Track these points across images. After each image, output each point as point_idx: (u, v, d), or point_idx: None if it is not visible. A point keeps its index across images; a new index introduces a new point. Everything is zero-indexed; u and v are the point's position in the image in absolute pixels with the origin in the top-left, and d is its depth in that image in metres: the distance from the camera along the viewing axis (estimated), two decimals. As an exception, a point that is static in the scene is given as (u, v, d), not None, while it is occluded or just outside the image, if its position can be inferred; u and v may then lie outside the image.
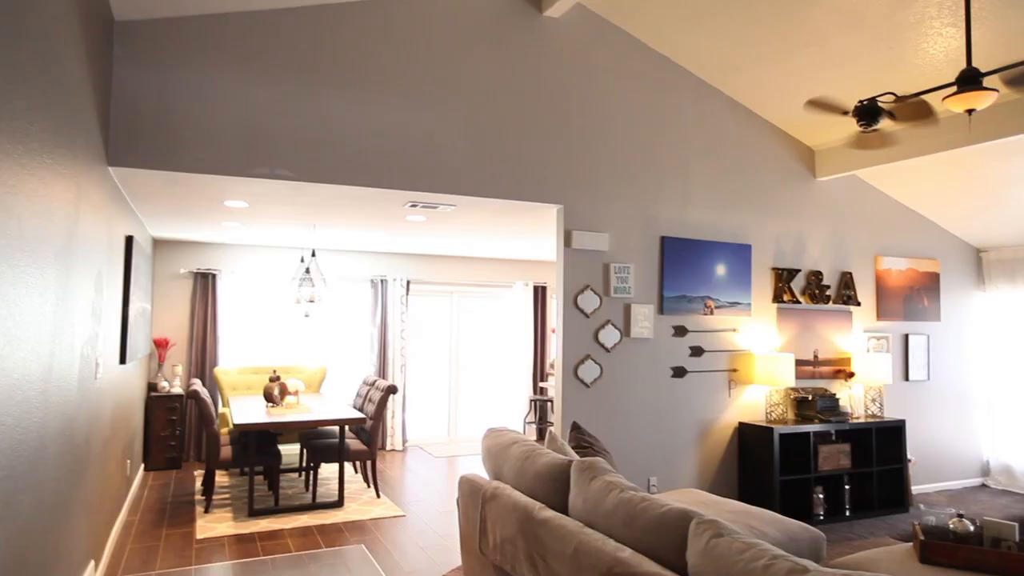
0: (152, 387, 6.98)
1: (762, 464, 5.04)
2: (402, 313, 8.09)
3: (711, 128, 5.31)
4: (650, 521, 2.26)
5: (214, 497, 5.66)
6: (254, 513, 5.15)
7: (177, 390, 6.95)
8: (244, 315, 7.69)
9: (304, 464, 6.46)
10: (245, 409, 5.70)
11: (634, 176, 5.00)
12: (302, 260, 7.47)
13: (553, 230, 6.09)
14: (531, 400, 8.79)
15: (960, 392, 6.42)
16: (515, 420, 8.83)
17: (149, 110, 3.75)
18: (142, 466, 6.63)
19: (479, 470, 6.76)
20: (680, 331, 5.10)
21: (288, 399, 5.93)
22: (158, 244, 7.33)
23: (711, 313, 5.20)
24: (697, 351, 5.16)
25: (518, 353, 8.91)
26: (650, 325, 4.96)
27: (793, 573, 1.67)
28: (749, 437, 5.19)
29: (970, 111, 2.89)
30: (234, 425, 5.01)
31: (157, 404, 6.73)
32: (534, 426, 8.80)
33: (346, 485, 6.18)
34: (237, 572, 3.98)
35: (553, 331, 8.93)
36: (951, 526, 3.14)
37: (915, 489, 6.02)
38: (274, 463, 5.37)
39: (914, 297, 6.17)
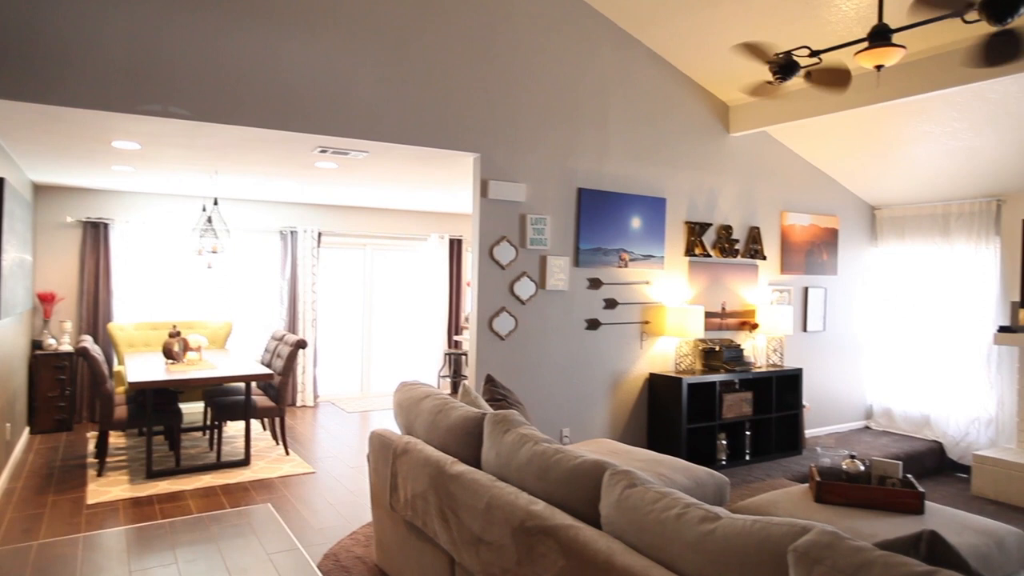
0: (37, 345, 6.45)
1: (671, 413, 5.20)
2: (313, 266, 7.78)
3: (630, 80, 5.26)
4: (564, 473, 2.24)
5: (108, 460, 5.32)
6: (152, 475, 4.88)
7: (66, 347, 6.44)
8: (141, 268, 7.18)
9: (208, 423, 6.18)
10: (142, 367, 5.35)
11: (552, 126, 4.91)
12: (204, 209, 7.02)
13: (470, 181, 5.95)
14: (446, 354, 8.73)
15: (851, 342, 6.81)
16: (430, 374, 8.77)
17: (16, 32, 3.31)
18: (27, 429, 6.15)
19: (392, 425, 6.67)
20: (595, 283, 5.11)
21: (190, 355, 5.61)
22: (40, 190, 6.68)
23: (626, 266, 5.25)
24: (611, 303, 5.20)
25: (433, 307, 8.79)
26: (566, 277, 4.95)
27: (705, 521, 1.68)
28: (659, 387, 5.32)
29: (879, 67, 2.94)
30: (129, 384, 4.69)
31: (43, 363, 6.22)
32: (449, 379, 8.76)
33: (254, 443, 5.97)
34: (131, 538, 3.76)
35: (468, 285, 8.85)
36: (844, 467, 3.32)
37: (808, 433, 6.39)
38: (174, 422, 5.09)
39: (815, 252, 6.45)
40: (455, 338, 8.82)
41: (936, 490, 5.37)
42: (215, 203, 6.34)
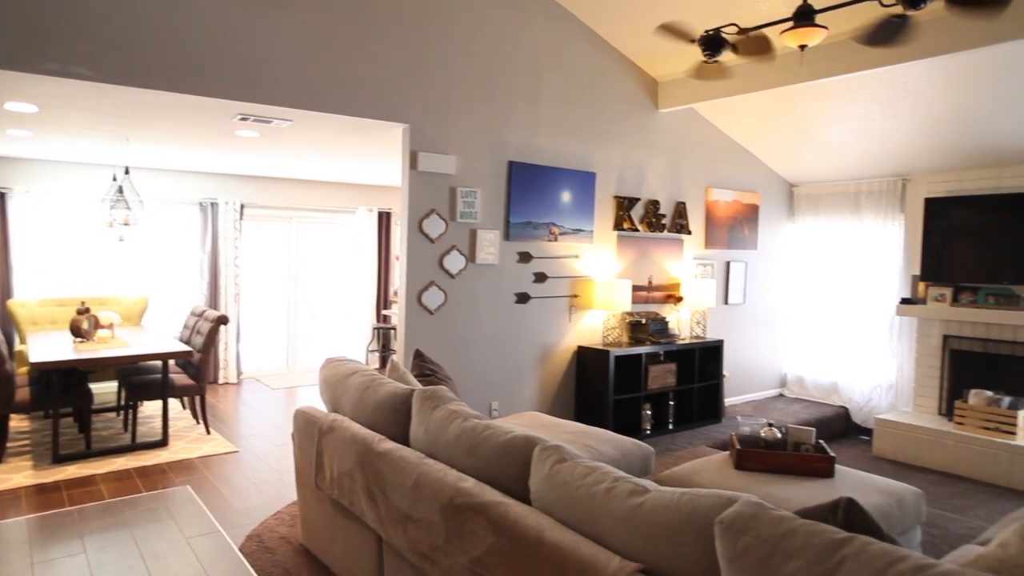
0: (-79, 321, 5.94)
1: (598, 385, 5.28)
2: (235, 239, 7.46)
3: (563, 54, 5.22)
4: (493, 449, 2.23)
5: (9, 445, 4.99)
6: (60, 459, 4.61)
7: (-45, 324, 5.96)
8: (46, 241, 6.69)
9: (122, 403, 5.87)
10: (47, 345, 5.01)
11: (484, 98, 4.82)
12: (114, 179, 6.59)
13: (399, 153, 5.80)
14: (374, 328, 8.59)
15: (768, 314, 7.10)
16: (358, 349, 8.61)
17: None
18: (-87, 413, 5.68)
19: (319, 402, 6.53)
20: (525, 257, 5.11)
21: (101, 333, 5.29)
22: (-82, 151, 6.11)
23: (556, 240, 5.26)
24: (541, 277, 5.21)
25: (361, 281, 8.60)
26: (496, 251, 4.92)
27: (634, 495, 1.70)
28: (587, 360, 5.40)
29: (803, 47, 3.01)
30: (31, 364, 4.39)
31: (-71, 341, 5.74)
32: (378, 354, 8.64)
33: (172, 423, 5.72)
34: (34, 527, 3.54)
35: (397, 258, 8.69)
36: (762, 435, 3.46)
37: (727, 402, 6.64)
38: (84, 403, 4.80)
39: (737, 227, 6.64)
40: (384, 312, 8.69)
41: (842, 452, 5.69)
42: (126, 172, 5.96)
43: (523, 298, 5.12)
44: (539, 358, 5.26)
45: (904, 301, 5.82)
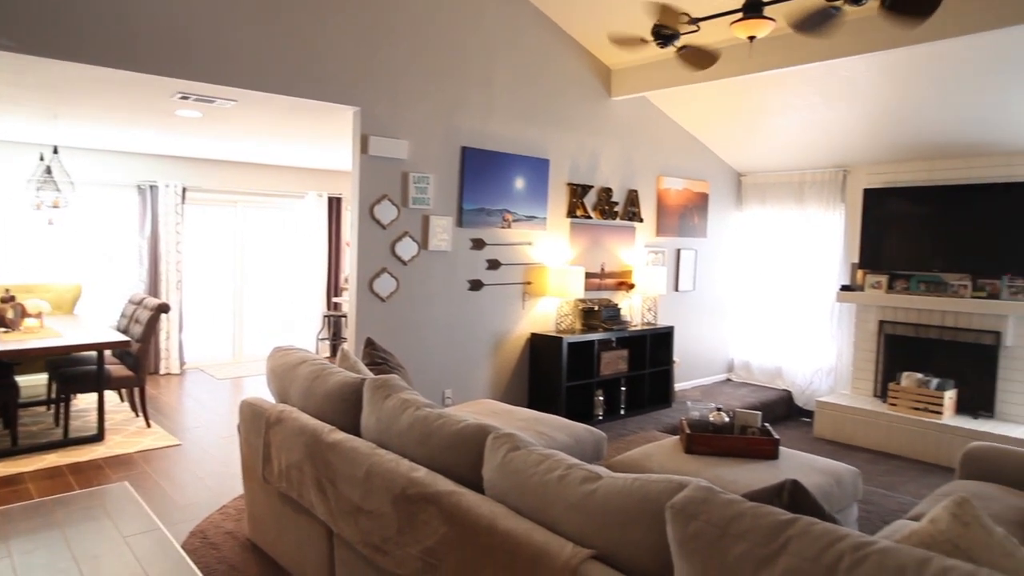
0: None
1: (551, 372, 5.31)
2: (177, 224, 7.19)
3: (516, 39, 5.18)
4: (446, 438, 2.21)
5: (-69, 440, 4.72)
6: (-13, 455, 4.38)
7: None
8: (-37, 222, 6.33)
9: (53, 396, 5.61)
10: (-32, 335, 4.74)
11: (437, 82, 4.75)
12: (41, 159, 6.27)
13: (349, 136, 5.67)
14: (325, 316, 8.44)
15: (716, 300, 7.25)
16: (308, 337, 8.45)
17: None
18: None
19: (267, 392, 6.38)
20: (478, 244, 5.08)
21: (28, 322, 5.04)
22: None
23: (509, 226, 5.24)
24: (494, 264, 5.19)
25: (311, 267, 8.43)
26: (448, 238, 4.87)
27: (587, 481, 1.70)
28: (540, 347, 5.42)
29: (752, 38, 3.05)
30: (-48, 354, 4.15)
31: None
32: (328, 342, 8.50)
33: (109, 416, 5.51)
34: (-37, 526, 3.36)
35: (348, 244, 8.55)
36: (711, 419, 3.53)
37: (677, 387, 6.77)
38: (9, 397, 4.57)
39: (687, 215, 6.74)
40: (334, 300, 8.54)
41: (786, 434, 5.87)
42: (55, 151, 5.67)
43: (476, 285, 5.10)
44: (492, 345, 5.25)
45: (844, 288, 6.02)
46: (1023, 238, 5.08)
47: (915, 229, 5.65)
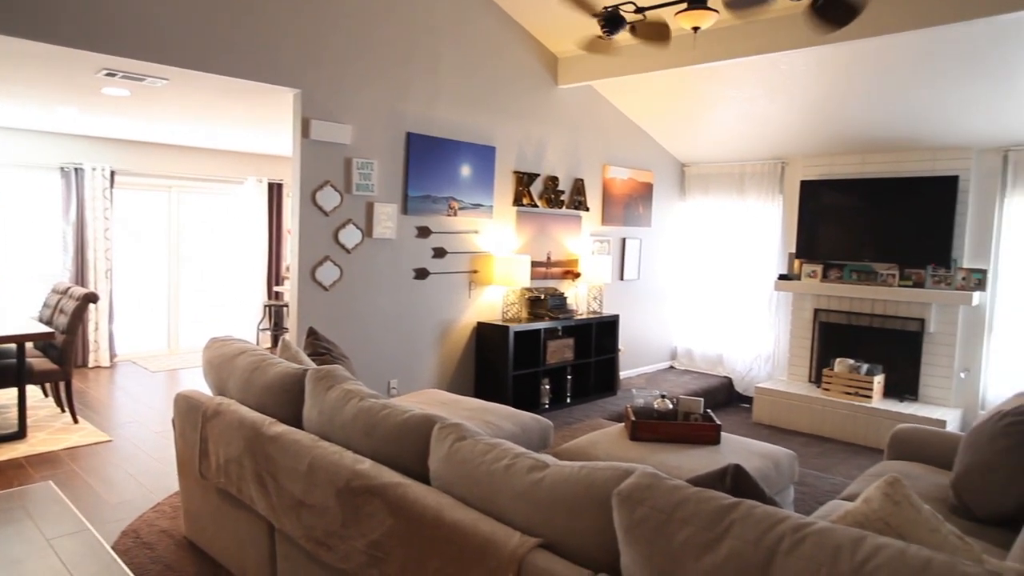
0: None
1: (497, 361, 5.30)
2: (106, 209, 6.86)
3: (462, 24, 5.11)
4: (391, 429, 2.17)
5: None
6: None
7: None
8: None
9: (-28, 390, 5.31)
10: None
11: (381, 66, 4.65)
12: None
13: (290, 119, 5.51)
14: (266, 305, 8.22)
15: (660, 289, 7.37)
16: (248, 328, 8.22)
17: None
18: None
19: (205, 384, 6.18)
20: (424, 232, 5.01)
21: (-59, 312, 4.73)
22: None
23: (455, 214, 5.19)
24: (440, 252, 5.14)
25: (251, 256, 8.18)
26: (393, 225, 4.79)
27: (534, 470, 1.70)
28: (487, 336, 5.40)
29: (696, 29, 3.08)
30: None
31: None
32: (269, 333, 8.28)
33: (32, 412, 5.23)
34: None
35: (290, 232, 8.34)
36: (655, 406, 3.59)
37: (622, 375, 6.87)
38: (-77, 392, 4.29)
39: (632, 205, 6.82)
40: (276, 289, 8.32)
41: (727, 420, 6.03)
42: (-30, 131, 5.31)
43: (422, 274, 5.04)
44: (439, 335, 5.21)
45: (782, 277, 6.20)
46: (946, 230, 5.33)
47: (848, 220, 5.86)
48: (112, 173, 6.92)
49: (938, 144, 5.48)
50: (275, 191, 8.24)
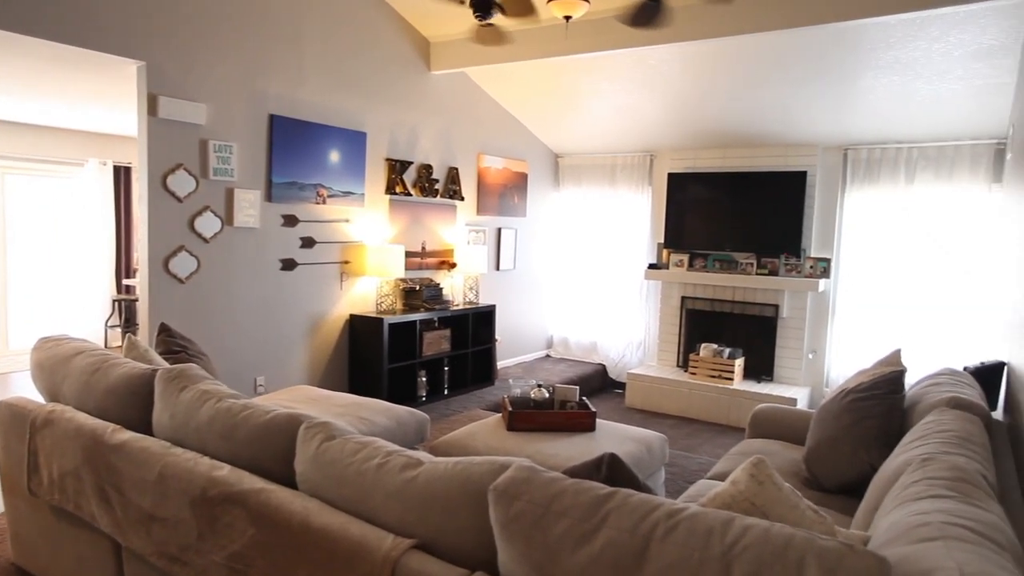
0: None
1: (372, 354, 5.14)
2: (-91, 191, 5.96)
3: (329, 1, 4.86)
4: (253, 431, 2.01)
5: None
6: None
7: None
8: None
9: None
10: None
11: (239, 40, 4.32)
12: None
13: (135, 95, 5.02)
14: (115, 300, 7.51)
15: (536, 279, 7.47)
16: (95, 324, 7.47)
17: None
18: None
19: (35, 391, 5.55)
20: (291, 220, 4.75)
21: None
22: None
23: (324, 202, 4.96)
24: (308, 242, 4.89)
25: (96, 245, 7.43)
26: (256, 213, 4.49)
27: (407, 468, 1.62)
28: (360, 328, 5.22)
29: (568, 18, 3.09)
30: None
31: None
32: (120, 330, 7.58)
33: None
34: None
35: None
36: (532, 395, 3.60)
37: (500, 365, 6.90)
38: None
39: (507, 194, 6.84)
40: (127, 282, 7.62)
41: (601, 406, 6.21)
42: None
43: (289, 264, 4.77)
44: (309, 328, 4.97)
45: (651, 266, 6.46)
46: (796, 221, 5.76)
47: (711, 211, 6.19)
48: (-80, 150, 6.03)
49: (789, 141, 5.90)
50: (123, 175, 7.53)
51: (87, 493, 2.26)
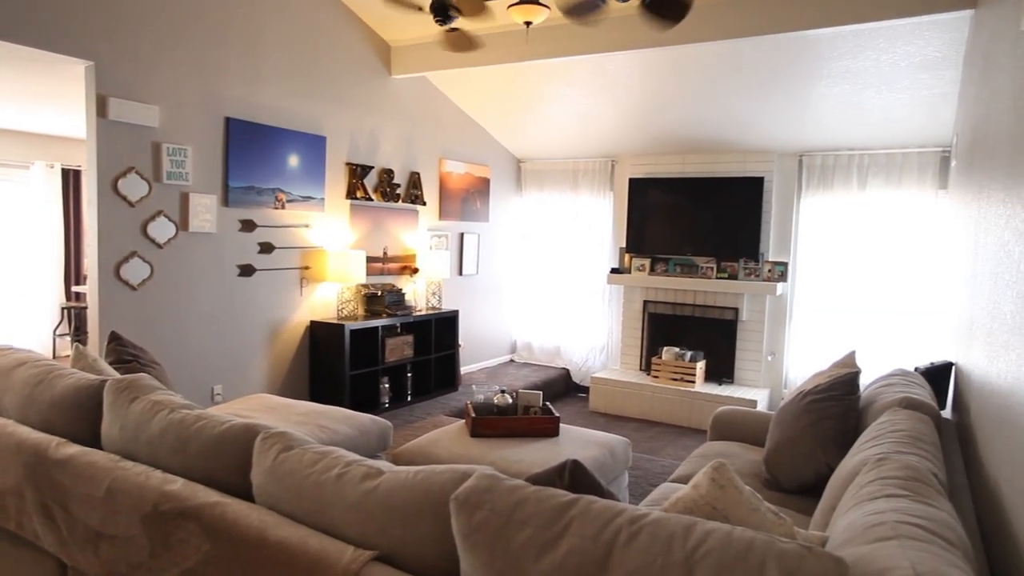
0: None
1: (333, 361, 5.06)
2: None
3: (284, 2, 4.78)
4: (207, 443, 1.95)
5: None
6: None
7: None
8: None
9: None
10: None
11: (193, 41, 4.22)
12: None
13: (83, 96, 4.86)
14: (63, 308, 7.26)
15: (499, 284, 7.46)
16: (42, 333, 7.21)
17: None
18: None
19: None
20: (248, 226, 4.65)
21: None
22: None
23: (283, 207, 4.87)
24: (267, 248, 4.80)
25: (43, 251, 7.18)
26: (213, 218, 4.39)
27: (368, 478, 1.59)
28: (321, 335, 5.14)
29: (528, 23, 3.10)
30: None
31: None
32: (70, 339, 7.33)
33: None
34: None
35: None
36: (495, 401, 3.58)
37: (463, 370, 6.86)
38: None
39: (470, 199, 6.82)
40: (76, 289, 7.37)
41: (565, 410, 6.23)
42: None
43: (247, 270, 4.67)
44: (268, 335, 4.87)
45: (613, 271, 6.51)
46: (755, 226, 5.86)
47: (672, 216, 6.26)
48: None
49: (747, 147, 6.01)
50: (72, 178, 7.29)
51: (29, 511, 2.16)
